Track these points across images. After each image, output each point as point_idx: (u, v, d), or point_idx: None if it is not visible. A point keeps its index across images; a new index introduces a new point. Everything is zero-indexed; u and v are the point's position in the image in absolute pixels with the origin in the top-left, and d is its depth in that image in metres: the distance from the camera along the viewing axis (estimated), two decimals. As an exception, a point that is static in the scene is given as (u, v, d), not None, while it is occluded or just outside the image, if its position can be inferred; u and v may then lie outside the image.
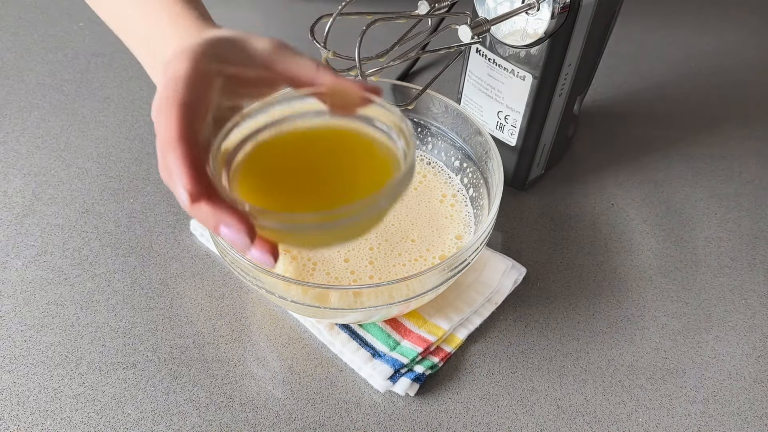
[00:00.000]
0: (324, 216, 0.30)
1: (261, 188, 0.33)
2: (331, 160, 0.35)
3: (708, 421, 0.43)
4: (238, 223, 0.29)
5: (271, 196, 0.33)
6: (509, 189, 0.57)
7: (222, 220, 0.29)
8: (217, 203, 0.29)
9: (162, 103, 0.30)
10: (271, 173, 0.34)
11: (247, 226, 0.29)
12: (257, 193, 0.33)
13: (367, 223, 0.32)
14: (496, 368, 0.46)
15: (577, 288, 0.51)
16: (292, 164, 0.35)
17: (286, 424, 0.42)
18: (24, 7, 0.78)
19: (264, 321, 0.48)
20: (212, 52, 0.32)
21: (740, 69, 0.73)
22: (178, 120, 0.29)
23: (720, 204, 0.58)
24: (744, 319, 0.49)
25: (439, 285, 0.41)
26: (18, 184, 0.57)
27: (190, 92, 0.30)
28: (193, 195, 0.28)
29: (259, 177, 0.34)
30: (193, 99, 0.30)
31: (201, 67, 0.31)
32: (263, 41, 0.35)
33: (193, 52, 0.32)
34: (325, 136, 0.36)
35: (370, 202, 0.30)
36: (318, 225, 0.30)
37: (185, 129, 0.29)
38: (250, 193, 0.33)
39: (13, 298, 0.48)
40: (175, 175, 0.28)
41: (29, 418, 0.42)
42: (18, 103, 0.65)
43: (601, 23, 0.48)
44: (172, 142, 0.29)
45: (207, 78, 0.32)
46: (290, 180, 0.34)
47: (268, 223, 0.30)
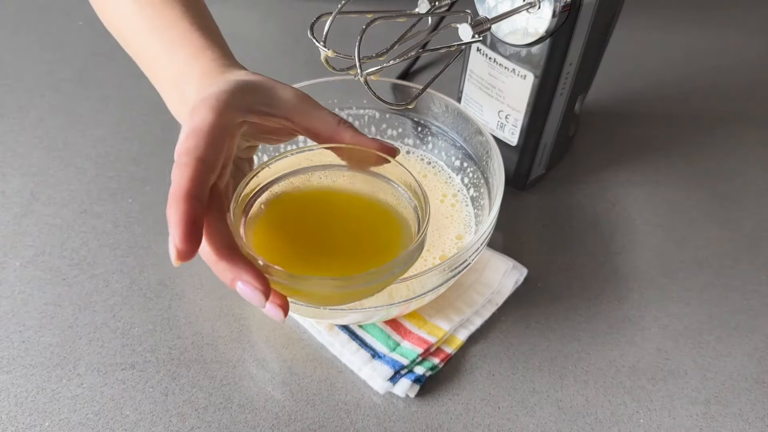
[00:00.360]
0: (338, 281, 0.31)
1: (277, 240, 0.34)
2: (346, 216, 0.37)
3: (709, 422, 0.43)
4: (254, 281, 0.30)
5: (287, 250, 0.34)
6: (510, 189, 0.57)
7: (239, 277, 0.30)
8: (236, 259, 0.30)
9: (182, 156, 0.30)
10: (288, 226, 0.35)
11: (263, 284, 0.30)
12: (272, 245, 0.34)
13: (380, 286, 0.33)
14: (497, 369, 0.45)
15: (579, 288, 0.50)
16: (309, 219, 0.36)
17: (285, 425, 0.42)
18: (22, 6, 0.78)
19: (263, 322, 0.48)
20: (238, 100, 0.33)
21: (741, 68, 0.73)
22: (191, 176, 0.29)
23: (721, 204, 0.58)
24: (746, 320, 0.49)
25: (439, 285, 0.41)
26: (16, 184, 0.57)
27: (210, 147, 0.31)
28: (181, 253, 0.29)
29: (275, 229, 0.35)
30: (213, 154, 0.31)
31: (225, 119, 0.32)
32: (287, 91, 0.35)
33: (218, 101, 0.32)
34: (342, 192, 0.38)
35: (385, 270, 0.31)
36: (332, 288, 0.32)
37: (196, 187, 0.29)
38: (266, 243, 0.34)
39: (11, 299, 0.48)
40: (171, 230, 0.29)
41: (27, 419, 0.42)
42: (16, 102, 0.65)
43: (603, 22, 0.48)
44: (177, 199, 0.29)
45: (230, 129, 0.32)
46: (306, 235, 0.35)
47: (282, 281, 0.31)
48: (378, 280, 0.32)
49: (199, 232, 0.29)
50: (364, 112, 0.53)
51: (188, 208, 0.29)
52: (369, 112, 0.53)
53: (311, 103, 0.36)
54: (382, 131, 0.54)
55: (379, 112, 0.53)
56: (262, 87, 0.35)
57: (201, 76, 0.35)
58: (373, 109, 0.53)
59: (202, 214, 0.30)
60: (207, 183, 0.30)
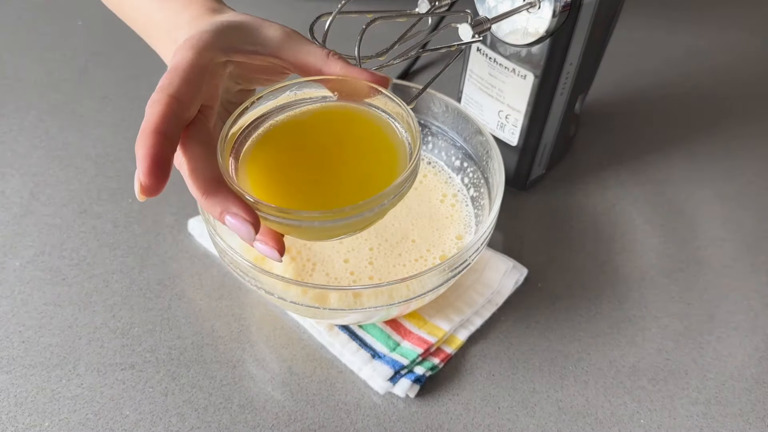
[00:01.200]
0: (327, 215, 0.30)
1: (267, 176, 0.34)
2: (338, 147, 0.35)
3: (710, 422, 0.43)
4: (244, 213, 0.29)
5: (277, 186, 0.33)
6: (510, 189, 0.57)
7: (228, 210, 0.30)
8: (224, 192, 0.30)
9: (154, 94, 0.30)
10: (278, 160, 0.34)
11: (252, 216, 0.30)
12: (263, 181, 0.33)
13: (371, 219, 0.33)
14: (497, 369, 0.45)
15: (579, 289, 0.50)
16: (300, 153, 0.35)
17: (285, 425, 0.42)
18: (22, 5, 0.78)
19: (263, 322, 0.48)
20: (220, 40, 0.33)
21: (742, 68, 0.73)
22: (160, 112, 0.29)
23: (722, 204, 0.57)
24: (746, 320, 0.49)
25: (439, 285, 0.41)
26: (15, 183, 0.57)
27: (185, 84, 0.30)
28: (144, 188, 0.29)
29: (265, 164, 0.34)
30: (188, 92, 0.30)
31: (205, 58, 0.32)
32: (274, 29, 0.35)
33: (199, 40, 0.32)
34: (333, 117, 0.36)
35: (374, 202, 0.31)
36: (322, 222, 0.31)
37: (165, 123, 0.29)
38: (256, 180, 0.33)
39: (11, 299, 0.48)
40: (137, 165, 0.29)
41: (27, 419, 0.42)
42: (16, 102, 0.65)
43: (603, 22, 0.48)
44: (145, 133, 0.29)
45: (209, 69, 0.32)
46: (296, 169, 0.34)
47: (272, 217, 0.30)
48: (368, 212, 0.31)
49: (164, 169, 0.29)
50: (364, 112, 0.53)
51: (154, 143, 0.29)
52: (369, 112, 0.53)
53: (299, 38, 0.35)
54: (382, 131, 0.54)
55: (379, 112, 0.53)
56: (247, 26, 0.34)
57: (191, 21, 0.35)
58: (373, 109, 0.53)
59: (170, 151, 0.30)
60: (178, 120, 0.30)
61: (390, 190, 0.31)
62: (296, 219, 0.30)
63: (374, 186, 0.32)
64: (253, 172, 0.33)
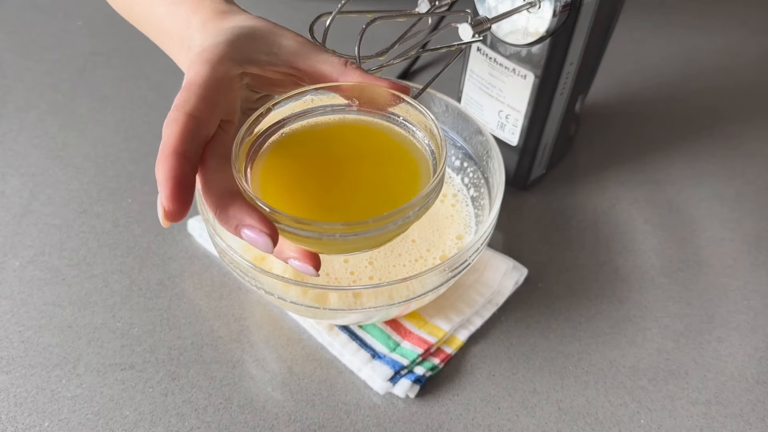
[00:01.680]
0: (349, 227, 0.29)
1: (283, 187, 0.32)
2: (357, 159, 0.34)
3: (710, 422, 0.43)
4: (260, 225, 0.28)
5: (294, 197, 0.32)
6: (510, 189, 0.57)
7: (243, 222, 0.28)
8: (238, 205, 0.29)
9: (171, 113, 0.29)
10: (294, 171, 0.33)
11: (269, 228, 0.28)
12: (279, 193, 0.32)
13: (393, 233, 0.31)
14: (497, 370, 0.45)
15: (579, 289, 0.50)
16: (319, 163, 0.34)
17: (285, 425, 0.42)
18: (22, 6, 0.78)
19: (263, 322, 0.48)
20: (235, 52, 0.32)
21: (742, 68, 0.73)
22: (178, 133, 0.28)
23: (722, 204, 0.57)
24: (746, 320, 0.49)
25: (439, 286, 0.41)
26: (15, 184, 0.57)
27: (202, 101, 0.29)
28: (168, 213, 0.28)
29: (281, 175, 0.33)
30: (205, 109, 0.29)
31: (220, 72, 0.31)
32: (287, 38, 0.34)
33: (213, 53, 0.31)
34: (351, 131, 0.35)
35: (399, 213, 0.29)
36: (343, 235, 0.29)
37: (184, 143, 0.28)
38: (272, 192, 0.32)
39: (11, 299, 0.48)
40: (159, 189, 0.28)
41: (27, 419, 0.42)
42: (15, 102, 0.65)
43: (603, 22, 0.48)
44: (164, 155, 0.28)
45: (225, 83, 0.31)
46: (314, 180, 0.33)
47: (290, 228, 0.29)
48: (392, 224, 0.29)
49: (187, 191, 0.28)
50: (364, 112, 0.53)
51: (175, 165, 0.28)
52: (369, 112, 0.53)
53: (313, 47, 0.34)
54: (382, 131, 0.54)
55: (379, 112, 0.53)
56: (260, 34, 0.33)
57: (202, 25, 0.34)
58: (373, 109, 0.53)
59: (191, 172, 0.28)
60: (197, 139, 0.29)
61: (416, 201, 0.29)
62: (316, 231, 0.29)
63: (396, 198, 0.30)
64: (268, 183, 0.32)
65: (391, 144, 0.34)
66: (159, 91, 0.67)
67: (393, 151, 0.34)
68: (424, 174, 0.32)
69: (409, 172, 0.33)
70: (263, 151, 0.33)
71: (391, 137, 0.34)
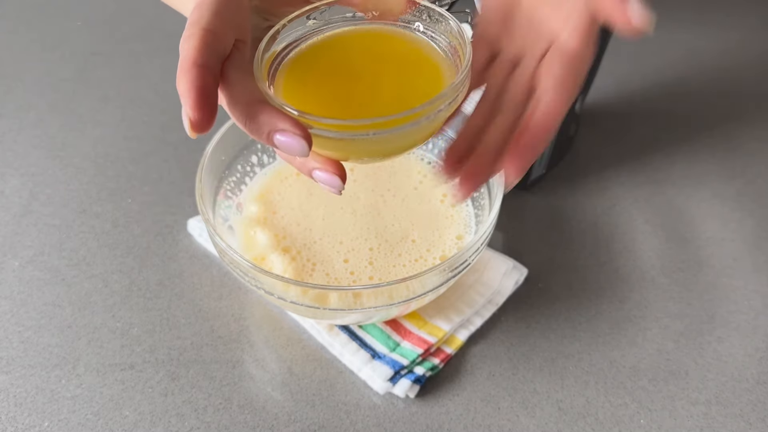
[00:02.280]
0: (383, 122, 0.28)
1: (309, 96, 0.32)
2: (379, 64, 0.33)
3: (710, 422, 0.43)
4: (293, 128, 0.27)
5: (321, 104, 0.31)
6: (510, 189, 0.57)
7: (275, 127, 0.28)
8: (267, 112, 0.28)
9: (186, 30, 0.29)
10: (318, 81, 0.32)
11: (302, 130, 0.27)
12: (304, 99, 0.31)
13: (427, 130, 0.30)
14: (497, 370, 0.45)
15: (579, 289, 0.50)
16: (339, 69, 0.33)
17: (285, 426, 0.42)
18: (21, 5, 0.78)
19: (263, 322, 0.48)
20: None
21: (743, 68, 0.73)
22: (197, 46, 0.28)
23: (723, 204, 0.57)
24: (747, 320, 0.49)
25: (439, 286, 0.41)
26: (15, 183, 0.57)
27: (216, 17, 0.29)
28: (194, 123, 0.27)
29: (304, 85, 0.32)
30: (219, 24, 0.29)
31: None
32: None
33: None
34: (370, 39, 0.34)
35: (430, 107, 0.28)
36: (377, 132, 0.28)
37: (203, 55, 0.28)
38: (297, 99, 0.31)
39: (11, 299, 0.48)
40: (183, 102, 0.27)
41: (26, 419, 0.42)
42: (15, 102, 0.65)
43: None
44: (185, 68, 0.28)
45: (236, 1, 0.31)
46: (339, 87, 0.32)
47: (322, 131, 0.28)
48: (424, 119, 0.29)
49: (211, 101, 0.28)
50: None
51: (197, 75, 0.27)
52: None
53: None
54: (382, 131, 0.54)
55: (379, 112, 0.53)
56: None
57: None
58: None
59: (213, 83, 0.28)
60: (216, 51, 0.29)
61: (447, 92, 0.29)
62: (349, 130, 0.28)
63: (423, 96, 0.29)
64: (292, 93, 0.31)
65: (412, 49, 0.34)
66: (159, 91, 0.67)
67: (414, 55, 0.33)
68: (447, 74, 0.32)
69: (433, 73, 0.32)
70: (283, 67, 0.33)
71: (411, 43, 0.34)
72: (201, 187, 0.43)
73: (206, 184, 0.44)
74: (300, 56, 0.33)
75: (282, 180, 0.51)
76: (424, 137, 0.32)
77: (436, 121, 0.30)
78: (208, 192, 0.45)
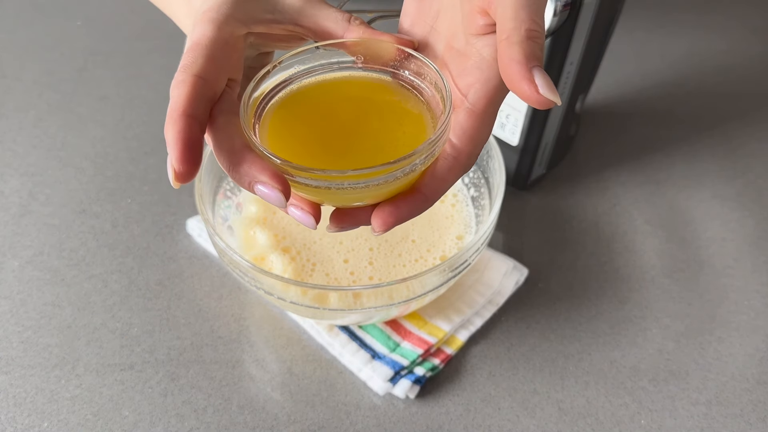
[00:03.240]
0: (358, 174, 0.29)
1: (292, 142, 0.33)
2: (363, 114, 0.34)
3: (711, 422, 0.43)
4: (273, 181, 0.28)
5: (303, 150, 0.32)
6: (511, 189, 0.57)
7: (256, 179, 0.29)
8: (249, 161, 0.29)
9: (178, 75, 0.29)
10: (302, 125, 0.34)
11: (281, 183, 0.29)
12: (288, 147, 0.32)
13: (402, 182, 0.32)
14: (498, 370, 0.45)
15: (580, 289, 0.50)
16: (323, 117, 0.34)
17: (284, 426, 0.42)
18: (21, 5, 0.78)
19: (262, 322, 0.48)
20: (239, 11, 0.32)
21: (743, 68, 0.73)
22: (188, 94, 0.29)
23: (723, 204, 0.57)
24: (747, 320, 0.49)
25: (439, 286, 0.41)
26: (14, 184, 0.57)
27: (209, 62, 0.30)
28: (179, 174, 0.28)
29: (289, 131, 0.33)
30: (212, 70, 0.30)
31: (226, 32, 0.31)
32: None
33: (218, 13, 0.31)
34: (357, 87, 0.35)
35: (406, 161, 0.29)
36: (352, 183, 0.30)
37: (192, 104, 0.29)
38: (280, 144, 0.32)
39: (10, 299, 0.48)
40: (169, 151, 0.28)
41: (26, 419, 0.42)
42: (15, 102, 0.65)
43: (603, 21, 0.48)
44: (173, 117, 0.28)
45: (231, 43, 0.31)
46: (321, 134, 0.33)
47: (301, 179, 0.29)
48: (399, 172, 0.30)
49: (197, 152, 0.28)
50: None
51: (185, 127, 0.28)
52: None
53: (317, 4, 0.34)
54: (382, 131, 0.54)
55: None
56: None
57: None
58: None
59: (200, 132, 0.29)
60: (205, 100, 0.29)
61: (422, 148, 0.30)
62: (326, 180, 0.29)
63: (403, 149, 0.31)
64: (276, 138, 0.32)
65: (397, 99, 0.35)
66: (159, 91, 0.67)
67: (399, 106, 0.34)
68: (430, 127, 0.33)
69: (416, 125, 0.33)
70: (269, 109, 0.34)
71: (397, 92, 0.35)
72: (200, 187, 0.43)
73: (206, 184, 0.44)
74: (288, 99, 0.34)
75: (282, 180, 0.51)
76: (400, 188, 0.33)
77: (412, 173, 0.31)
78: (208, 192, 0.45)
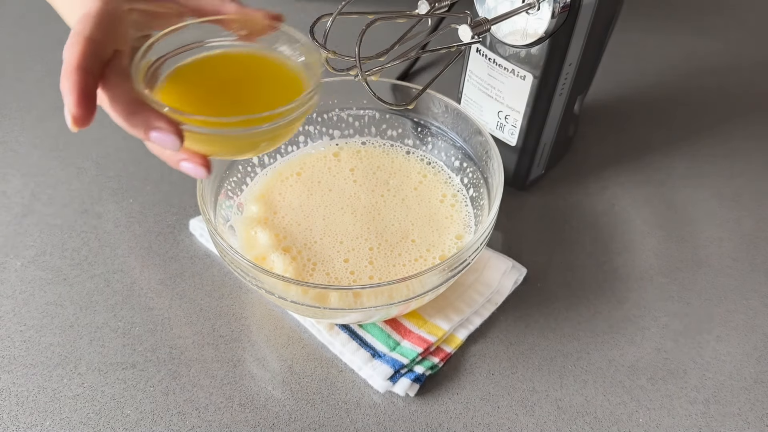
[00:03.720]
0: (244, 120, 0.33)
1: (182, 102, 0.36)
2: (246, 78, 0.39)
3: (709, 421, 0.43)
4: (167, 125, 0.32)
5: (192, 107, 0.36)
6: (509, 189, 0.57)
7: (151, 125, 0.32)
8: (145, 111, 0.32)
9: (69, 39, 0.32)
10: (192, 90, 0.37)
11: (175, 128, 0.32)
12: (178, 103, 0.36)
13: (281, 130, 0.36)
14: (497, 369, 0.46)
15: (578, 288, 0.51)
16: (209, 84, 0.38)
17: (285, 424, 0.42)
18: (22, 6, 0.78)
19: (263, 321, 0.48)
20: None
21: (741, 68, 0.73)
22: (79, 52, 0.31)
23: (721, 204, 0.58)
24: (745, 319, 0.49)
25: (439, 285, 0.41)
26: (17, 184, 0.57)
27: (97, 28, 0.33)
28: (76, 118, 0.31)
29: (180, 94, 0.37)
30: (100, 34, 0.33)
31: (110, 5, 0.34)
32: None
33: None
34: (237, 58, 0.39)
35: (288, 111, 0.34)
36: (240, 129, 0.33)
37: (85, 60, 0.31)
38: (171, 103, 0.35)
39: (12, 299, 0.48)
40: (65, 100, 0.31)
41: (28, 418, 0.42)
42: (16, 102, 0.65)
43: (602, 23, 0.48)
44: (67, 72, 0.31)
45: (116, 15, 0.34)
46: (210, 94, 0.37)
47: (192, 127, 0.33)
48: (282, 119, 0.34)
49: (92, 100, 0.31)
50: (364, 113, 0.53)
51: (78, 78, 0.31)
52: (369, 113, 0.53)
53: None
54: (382, 131, 0.54)
55: (379, 113, 0.53)
56: None
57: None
58: (373, 110, 0.53)
59: (93, 84, 0.32)
60: (97, 57, 0.32)
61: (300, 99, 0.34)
62: (216, 126, 0.33)
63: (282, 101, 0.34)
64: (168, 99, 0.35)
65: (275, 65, 0.39)
66: (160, 91, 0.67)
67: (277, 70, 0.39)
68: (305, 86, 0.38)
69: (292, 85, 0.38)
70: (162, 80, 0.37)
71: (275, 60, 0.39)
72: (202, 187, 0.43)
73: (207, 185, 0.44)
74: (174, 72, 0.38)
75: (283, 180, 0.51)
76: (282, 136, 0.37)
77: (291, 123, 0.36)
78: (209, 192, 0.45)
